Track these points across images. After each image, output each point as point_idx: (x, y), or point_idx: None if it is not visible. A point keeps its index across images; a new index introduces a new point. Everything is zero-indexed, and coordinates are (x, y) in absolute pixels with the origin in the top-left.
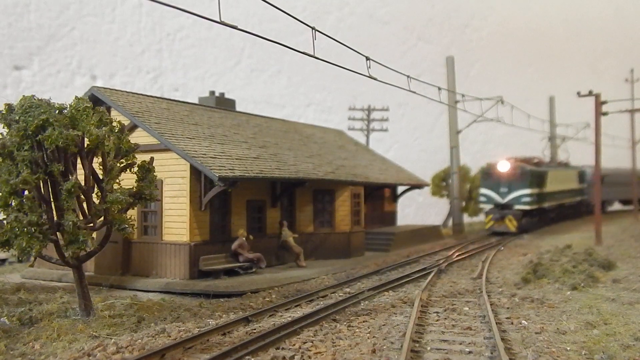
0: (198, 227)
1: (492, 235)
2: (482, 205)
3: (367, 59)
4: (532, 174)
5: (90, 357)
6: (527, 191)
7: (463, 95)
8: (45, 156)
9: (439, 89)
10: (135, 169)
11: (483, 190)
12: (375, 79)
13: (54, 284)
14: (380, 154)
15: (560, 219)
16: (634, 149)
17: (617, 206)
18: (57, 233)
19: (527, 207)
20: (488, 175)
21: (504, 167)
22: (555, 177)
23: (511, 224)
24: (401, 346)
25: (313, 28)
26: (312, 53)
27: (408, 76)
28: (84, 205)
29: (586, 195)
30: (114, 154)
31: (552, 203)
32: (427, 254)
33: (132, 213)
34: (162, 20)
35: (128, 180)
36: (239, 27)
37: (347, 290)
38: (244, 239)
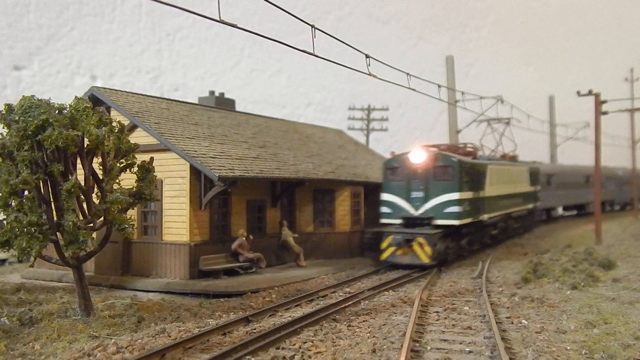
0: (198, 227)
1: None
2: (385, 220)
3: (367, 56)
4: (462, 168)
5: (91, 357)
6: (455, 196)
7: (463, 93)
8: (45, 156)
9: (439, 86)
10: (135, 169)
11: (386, 196)
12: (375, 76)
13: (54, 284)
14: (380, 153)
15: (506, 236)
16: (634, 148)
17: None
18: (57, 233)
19: (455, 222)
20: (394, 173)
21: (417, 158)
22: (499, 175)
23: (422, 252)
24: (401, 346)
25: (312, 26)
26: (311, 51)
27: (408, 74)
28: (84, 205)
29: (539, 201)
30: (113, 154)
31: (495, 214)
32: None
33: (132, 213)
34: (162, 20)
35: (128, 180)
36: (239, 25)
37: (347, 289)
38: (244, 238)
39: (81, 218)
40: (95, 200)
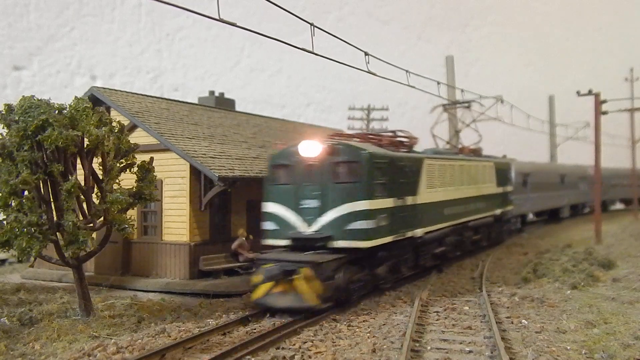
0: (198, 227)
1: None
2: (268, 241)
3: (366, 54)
4: (375, 165)
5: (91, 357)
6: (362, 205)
7: (462, 91)
8: (45, 156)
9: (438, 83)
10: (135, 169)
11: (270, 207)
12: (374, 74)
13: (54, 284)
14: None
15: (462, 253)
16: (634, 148)
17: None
18: (57, 233)
19: (362, 243)
20: (281, 173)
21: (310, 151)
22: (445, 174)
23: (308, 289)
24: (401, 346)
25: (312, 24)
26: (310, 50)
27: (407, 71)
28: (84, 205)
29: (511, 205)
30: (113, 154)
31: (438, 226)
32: None
33: (132, 213)
34: (162, 21)
35: (128, 180)
36: (238, 24)
37: None
38: (244, 238)
39: (81, 218)
40: (95, 200)
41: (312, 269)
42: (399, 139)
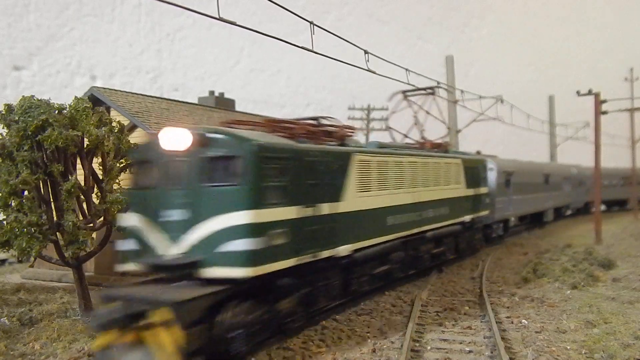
0: None
1: None
2: (126, 267)
3: (366, 52)
4: (264, 160)
5: (91, 357)
6: (242, 217)
7: (462, 92)
8: (45, 156)
9: (438, 83)
10: None
11: (128, 219)
12: (374, 72)
13: (54, 284)
14: None
15: (416, 270)
16: (634, 148)
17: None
18: (57, 233)
19: (241, 271)
20: (144, 172)
21: (175, 143)
22: (387, 172)
23: (161, 339)
24: (401, 346)
25: (311, 23)
26: (310, 49)
27: (407, 69)
28: (84, 205)
29: (487, 209)
30: (113, 154)
31: (375, 241)
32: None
33: None
34: (162, 21)
35: (128, 180)
36: (238, 23)
37: None
38: None
39: (81, 218)
40: (95, 200)
41: (173, 310)
42: (323, 128)
